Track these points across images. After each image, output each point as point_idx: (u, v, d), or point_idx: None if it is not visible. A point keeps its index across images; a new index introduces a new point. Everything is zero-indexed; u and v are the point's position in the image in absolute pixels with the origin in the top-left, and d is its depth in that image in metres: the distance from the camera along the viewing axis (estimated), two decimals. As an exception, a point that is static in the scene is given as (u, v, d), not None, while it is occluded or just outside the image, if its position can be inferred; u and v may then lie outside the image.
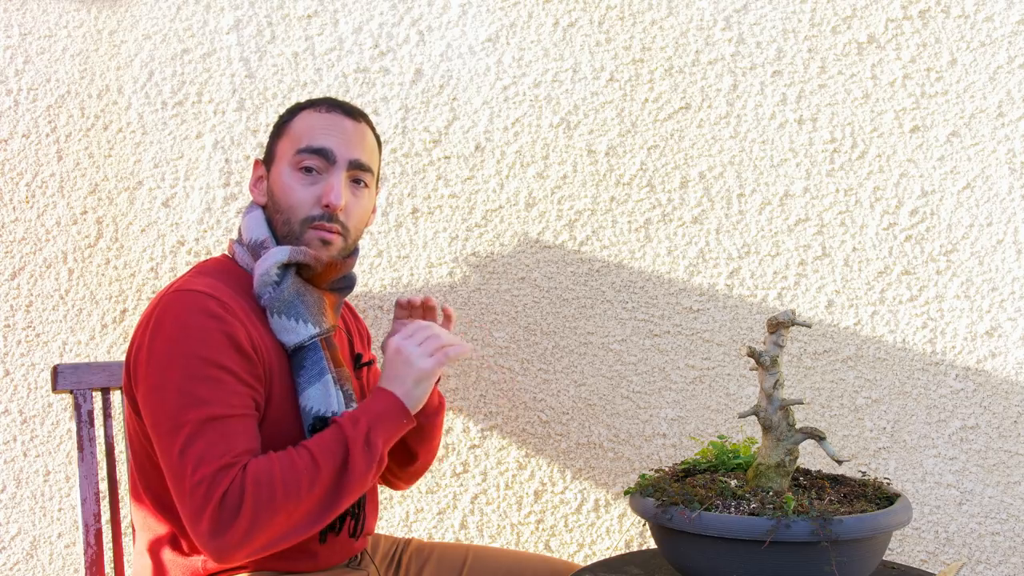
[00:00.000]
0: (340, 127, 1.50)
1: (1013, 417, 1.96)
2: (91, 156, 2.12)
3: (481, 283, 2.08)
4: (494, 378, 2.08)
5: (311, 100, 1.55)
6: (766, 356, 1.37)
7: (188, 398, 1.32)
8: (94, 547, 1.63)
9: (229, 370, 1.35)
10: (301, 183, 1.47)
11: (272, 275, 1.43)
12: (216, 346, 1.35)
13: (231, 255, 1.54)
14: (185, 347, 1.34)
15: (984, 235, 1.96)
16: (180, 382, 1.33)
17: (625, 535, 2.07)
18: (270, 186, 1.51)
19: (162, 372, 1.34)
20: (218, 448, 1.30)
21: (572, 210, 2.06)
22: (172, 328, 1.36)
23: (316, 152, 1.47)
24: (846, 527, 1.22)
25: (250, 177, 1.56)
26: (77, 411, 1.66)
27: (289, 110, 1.55)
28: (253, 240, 1.48)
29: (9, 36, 2.11)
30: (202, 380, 1.33)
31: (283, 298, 1.43)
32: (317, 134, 1.48)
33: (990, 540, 1.97)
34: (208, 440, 1.30)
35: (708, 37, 2.03)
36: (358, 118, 1.53)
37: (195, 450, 1.30)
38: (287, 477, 1.30)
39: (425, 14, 2.07)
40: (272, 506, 1.29)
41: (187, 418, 1.31)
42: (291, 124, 1.52)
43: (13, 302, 2.11)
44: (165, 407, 1.33)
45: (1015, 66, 1.95)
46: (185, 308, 1.37)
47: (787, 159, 2.01)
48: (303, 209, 1.47)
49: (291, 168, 1.48)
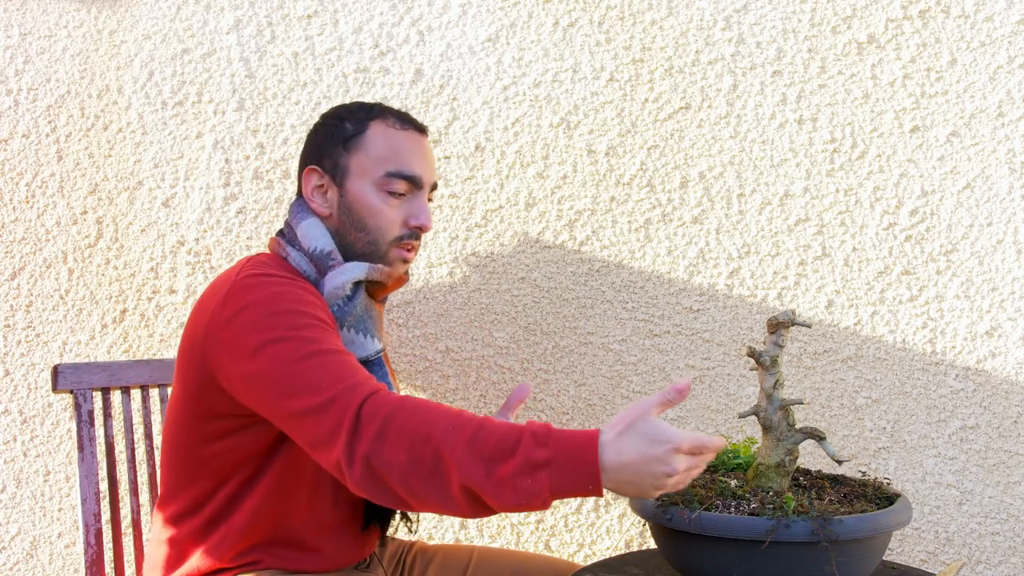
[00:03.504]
0: (421, 149, 1.52)
1: (1013, 417, 1.96)
2: (91, 156, 2.12)
3: (481, 283, 2.08)
4: (494, 378, 2.08)
5: (372, 108, 1.52)
6: (766, 356, 1.37)
7: (299, 341, 1.27)
8: (94, 547, 1.63)
9: (331, 325, 1.34)
10: (390, 205, 1.48)
11: (346, 289, 1.43)
12: (314, 304, 1.34)
13: (281, 255, 1.49)
14: (281, 305, 1.31)
15: (984, 235, 1.96)
16: (286, 331, 1.28)
17: (625, 535, 2.07)
18: (347, 202, 1.48)
19: (262, 332, 1.28)
20: (345, 370, 1.25)
21: (572, 210, 2.06)
22: (261, 295, 1.32)
23: (407, 179, 1.48)
24: (846, 527, 1.22)
25: (303, 183, 1.52)
26: (77, 411, 1.67)
27: (352, 117, 1.52)
28: (318, 250, 1.46)
29: (9, 36, 2.11)
30: (309, 327, 1.29)
31: (355, 313, 1.43)
32: (404, 158, 1.49)
33: (990, 540, 1.97)
34: (332, 365, 1.25)
35: (708, 37, 2.03)
36: (426, 133, 1.55)
37: (319, 375, 1.23)
38: (435, 415, 1.16)
39: (425, 14, 2.08)
40: (408, 435, 1.15)
41: (303, 354, 1.25)
42: (365, 139, 1.49)
43: (13, 302, 2.11)
44: (277, 359, 1.26)
45: (1015, 66, 1.95)
46: (269, 282, 1.35)
47: (787, 159, 2.01)
48: (393, 230, 1.48)
49: (377, 189, 1.48)
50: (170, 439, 1.47)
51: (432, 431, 1.16)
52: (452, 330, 2.08)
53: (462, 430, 1.15)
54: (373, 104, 1.54)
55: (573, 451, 1.12)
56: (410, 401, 1.20)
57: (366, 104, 1.54)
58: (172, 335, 2.11)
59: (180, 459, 1.45)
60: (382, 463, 1.17)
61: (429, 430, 1.16)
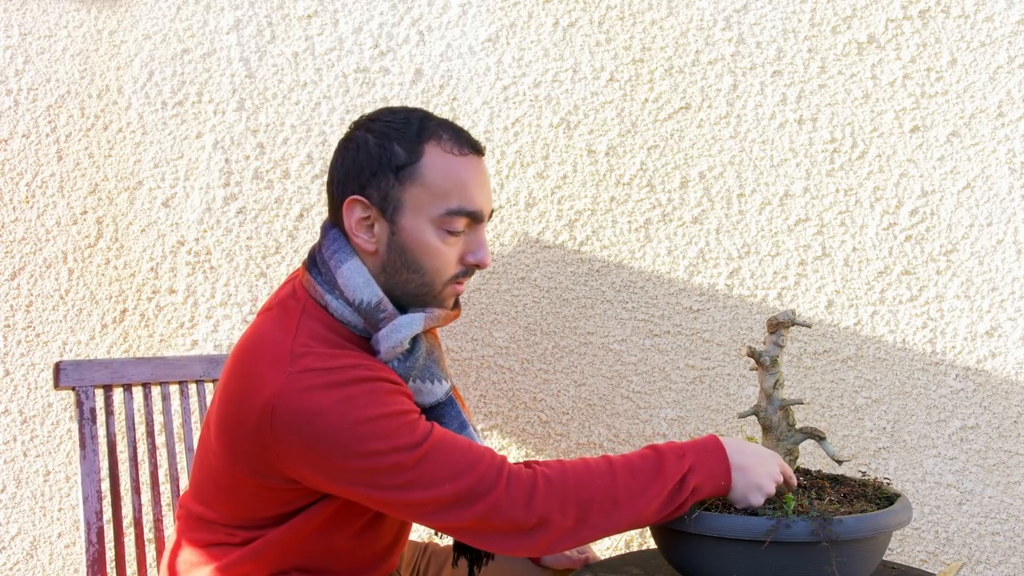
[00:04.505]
0: (482, 177, 1.34)
1: (1013, 417, 1.96)
2: (91, 156, 2.12)
3: (481, 283, 2.08)
4: (494, 378, 2.08)
5: (424, 125, 1.33)
6: (766, 356, 1.37)
7: (394, 454, 1.20)
8: (96, 545, 1.63)
9: (408, 410, 1.24)
10: (448, 244, 1.32)
11: (405, 346, 1.30)
12: (382, 395, 1.23)
13: (321, 303, 1.32)
14: (352, 415, 1.19)
15: (984, 235, 1.96)
16: (377, 445, 1.19)
17: (625, 535, 2.07)
18: (400, 240, 1.31)
19: (345, 458, 1.20)
20: (462, 452, 1.23)
21: (572, 210, 2.06)
22: (325, 405, 1.20)
23: (470, 215, 1.32)
24: (846, 527, 1.22)
25: (347, 215, 1.32)
26: (79, 408, 1.66)
27: (402, 138, 1.31)
28: (365, 303, 1.30)
29: (9, 36, 2.11)
30: (393, 433, 1.20)
31: (418, 365, 1.32)
32: (468, 193, 1.31)
33: (990, 540, 1.97)
34: (444, 456, 1.22)
35: (708, 37, 2.03)
36: (483, 153, 1.37)
37: (437, 470, 1.20)
38: (580, 481, 1.24)
39: (425, 14, 2.08)
40: (565, 492, 1.23)
41: (405, 464, 1.20)
42: (420, 168, 1.30)
43: (13, 302, 2.11)
44: (372, 482, 1.21)
45: (1015, 66, 1.95)
46: (324, 384, 1.21)
47: (787, 159, 2.01)
48: (450, 270, 1.33)
49: (436, 227, 1.30)
50: (214, 477, 1.35)
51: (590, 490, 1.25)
52: (452, 330, 2.08)
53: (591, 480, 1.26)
54: (422, 117, 1.34)
55: (704, 447, 1.29)
56: (554, 468, 1.26)
57: (413, 118, 1.33)
58: (172, 335, 2.11)
59: (225, 497, 1.35)
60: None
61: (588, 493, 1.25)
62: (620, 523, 1.24)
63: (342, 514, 1.35)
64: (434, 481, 1.21)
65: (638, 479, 1.25)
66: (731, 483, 1.27)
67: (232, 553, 1.35)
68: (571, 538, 1.24)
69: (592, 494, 1.24)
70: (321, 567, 1.38)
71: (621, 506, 1.24)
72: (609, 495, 1.24)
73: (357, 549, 1.40)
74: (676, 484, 1.24)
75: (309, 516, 1.33)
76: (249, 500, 1.32)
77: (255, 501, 1.32)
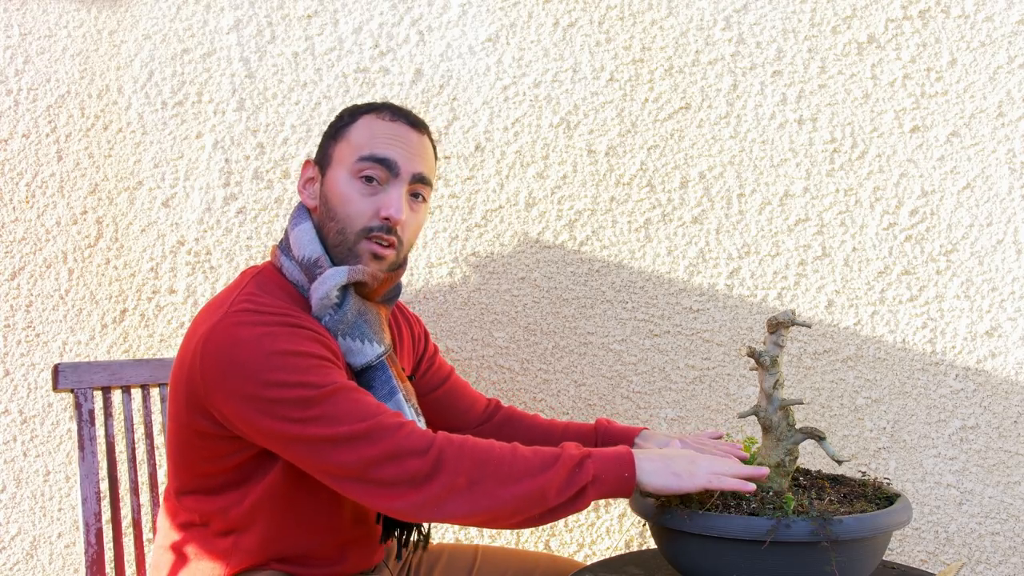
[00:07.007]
0: (405, 138, 1.45)
1: (1013, 417, 1.96)
2: (91, 156, 2.12)
3: (481, 283, 2.08)
4: (494, 378, 2.08)
5: (372, 104, 1.49)
6: (766, 356, 1.37)
7: (300, 388, 1.26)
8: (95, 546, 1.63)
9: (324, 356, 1.31)
10: (360, 192, 1.42)
11: (332, 298, 1.38)
12: (301, 338, 1.31)
13: (277, 265, 1.46)
14: (268, 347, 1.27)
15: (984, 235, 1.96)
16: (285, 376, 1.26)
17: (625, 535, 2.07)
18: (324, 191, 1.45)
19: (255, 386, 1.27)
20: (367, 403, 1.28)
21: (572, 210, 2.06)
22: (246, 337, 1.28)
23: (379, 162, 1.41)
24: (846, 527, 1.22)
25: (300, 177, 1.50)
26: (78, 410, 1.66)
27: (348, 112, 1.49)
28: (306, 258, 1.42)
29: (9, 36, 2.11)
30: (304, 369, 1.27)
31: (347, 320, 1.40)
32: (381, 143, 1.43)
33: (990, 540, 1.97)
34: (347, 403, 1.27)
35: (708, 37, 2.03)
36: (422, 130, 1.48)
37: (338, 411, 1.26)
38: (479, 448, 1.27)
39: (425, 14, 2.08)
40: (463, 465, 1.25)
41: (309, 403, 1.25)
42: (351, 128, 1.45)
43: (13, 302, 2.11)
44: (276, 412, 1.26)
45: (1015, 66, 1.95)
46: (251, 322, 1.30)
47: (787, 159, 2.01)
48: (361, 220, 1.41)
49: (350, 175, 1.42)
50: (172, 449, 1.43)
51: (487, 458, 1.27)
52: (452, 330, 2.08)
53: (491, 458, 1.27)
54: (382, 103, 1.49)
55: (609, 453, 1.30)
56: (456, 438, 1.28)
57: (375, 102, 1.50)
58: (172, 335, 2.11)
59: (185, 470, 1.42)
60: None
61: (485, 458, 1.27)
62: (517, 495, 1.25)
63: (296, 486, 1.39)
64: (334, 420, 1.25)
65: (537, 456, 1.27)
66: (635, 471, 1.28)
67: (209, 540, 1.41)
68: (461, 499, 1.25)
69: (489, 458, 1.26)
70: (296, 554, 1.42)
71: (517, 478, 1.25)
72: (506, 463, 1.26)
73: (330, 539, 1.44)
74: (575, 465, 1.26)
75: (262, 488, 1.38)
76: (197, 459, 1.39)
77: (202, 459, 1.38)
